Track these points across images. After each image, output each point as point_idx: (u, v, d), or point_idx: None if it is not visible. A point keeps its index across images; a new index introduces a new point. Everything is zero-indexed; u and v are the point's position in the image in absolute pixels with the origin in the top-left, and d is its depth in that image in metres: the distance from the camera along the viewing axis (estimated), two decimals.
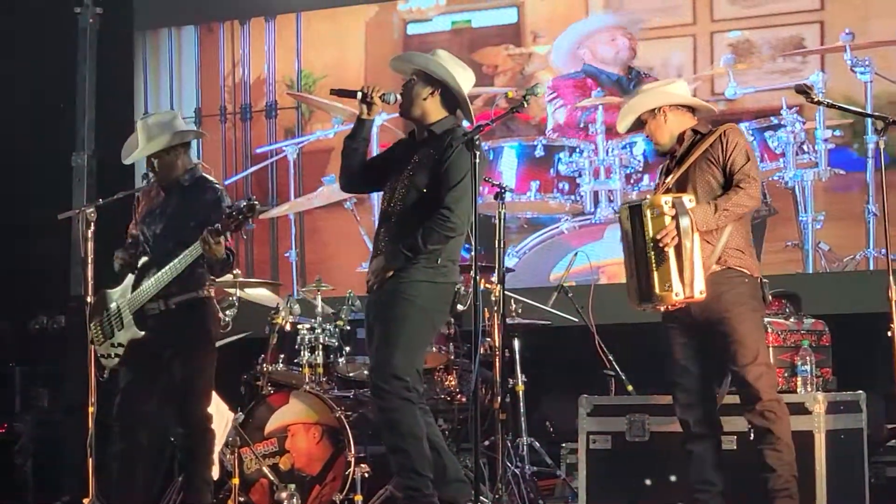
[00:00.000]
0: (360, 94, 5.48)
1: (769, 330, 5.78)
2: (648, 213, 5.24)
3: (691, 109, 5.51)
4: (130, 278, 5.86)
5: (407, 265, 5.35)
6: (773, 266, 7.58)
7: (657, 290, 5.24)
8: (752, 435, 5.37)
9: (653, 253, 5.24)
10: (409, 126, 5.72)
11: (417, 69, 5.50)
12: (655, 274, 5.23)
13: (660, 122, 5.47)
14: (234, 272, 6.88)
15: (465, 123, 5.63)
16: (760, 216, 7.61)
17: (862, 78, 7.68)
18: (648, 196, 5.39)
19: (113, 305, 5.89)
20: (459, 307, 5.35)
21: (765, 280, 5.43)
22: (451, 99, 5.50)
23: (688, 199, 5.23)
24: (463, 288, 5.99)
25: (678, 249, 5.18)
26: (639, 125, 5.56)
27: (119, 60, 9.22)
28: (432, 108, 5.49)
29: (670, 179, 5.42)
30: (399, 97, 5.50)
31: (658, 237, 5.20)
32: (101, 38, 8.98)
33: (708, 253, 5.27)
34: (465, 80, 5.51)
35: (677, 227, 5.18)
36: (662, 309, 5.33)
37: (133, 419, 5.81)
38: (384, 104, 5.53)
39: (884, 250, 6.54)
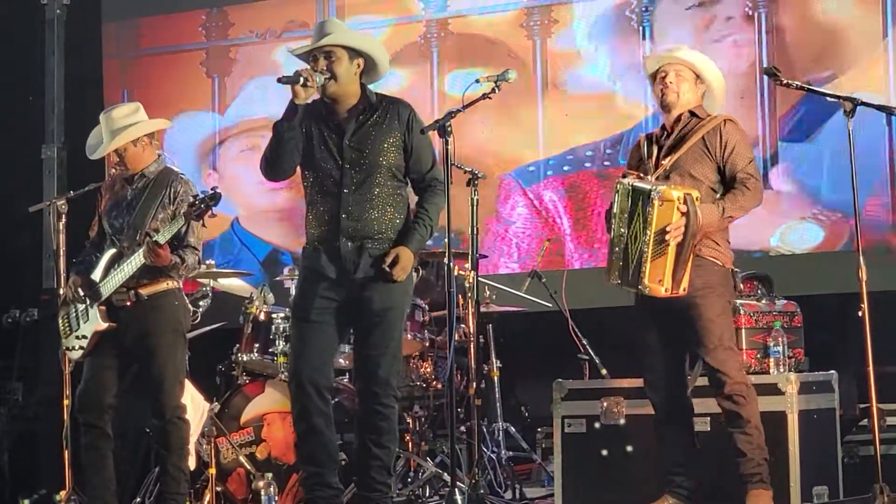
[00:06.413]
0: (302, 79, 5.15)
1: (741, 312, 5.81)
2: (657, 203, 5.18)
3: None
4: (98, 270, 5.85)
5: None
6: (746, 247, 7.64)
7: (646, 281, 5.21)
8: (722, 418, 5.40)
9: (652, 243, 5.20)
10: None
11: (337, 45, 5.26)
12: (649, 265, 5.20)
13: (682, 84, 5.41)
14: (208, 262, 6.90)
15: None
16: None
17: None
18: (657, 184, 5.25)
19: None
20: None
21: (735, 269, 5.47)
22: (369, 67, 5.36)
23: (696, 196, 5.19)
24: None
25: (679, 247, 5.17)
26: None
27: (87, 51, 9.17)
28: (357, 80, 5.33)
29: (667, 162, 5.37)
30: (324, 78, 5.23)
31: (666, 232, 5.16)
32: (68, 29, 8.95)
33: None
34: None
35: (686, 225, 5.15)
36: (642, 291, 5.28)
37: (97, 411, 5.81)
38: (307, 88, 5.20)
39: None
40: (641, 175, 5.36)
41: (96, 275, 5.83)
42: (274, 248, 8.75)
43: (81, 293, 5.81)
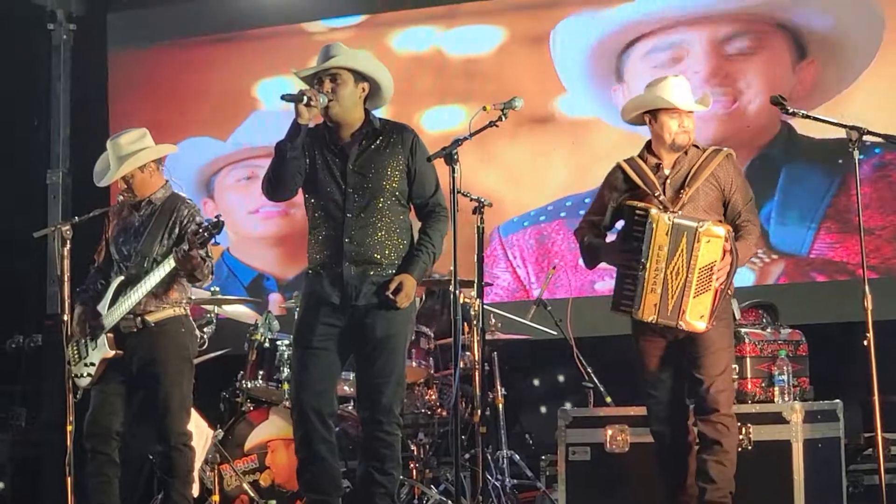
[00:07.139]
0: (305, 98, 5.10)
1: (746, 340, 5.82)
2: (704, 239, 5.22)
3: None
4: (107, 297, 5.85)
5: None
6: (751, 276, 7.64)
7: (688, 317, 5.24)
8: (698, 442, 5.39)
9: (697, 280, 5.24)
10: None
11: (342, 67, 5.24)
12: (692, 300, 5.24)
13: (691, 124, 5.46)
14: (213, 289, 6.90)
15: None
16: None
17: None
18: (699, 220, 5.27)
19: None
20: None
21: (733, 298, 5.53)
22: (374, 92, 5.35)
23: (731, 232, 5.29)
24: None
25: (722, 284, 5.25)
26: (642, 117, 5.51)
27: (93, 77, 9.20)
28: (361, 105, 5.31)
29: (685, 195, 5.38)
30: (328, 100, 5.20)
31: (712, 269, 5.21)
32: (74, 54, 8.98)
33: None
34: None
35: (732, 262, 5.24)
36: (681, 326, 5.29)
37: (105, 438, 5.81)
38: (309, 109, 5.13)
39: None
40: (661, 207, 5.34)
41: (103, 306, 5.84)
42: (259, 274, 8.75)
43: (88, 329, 5.83)
